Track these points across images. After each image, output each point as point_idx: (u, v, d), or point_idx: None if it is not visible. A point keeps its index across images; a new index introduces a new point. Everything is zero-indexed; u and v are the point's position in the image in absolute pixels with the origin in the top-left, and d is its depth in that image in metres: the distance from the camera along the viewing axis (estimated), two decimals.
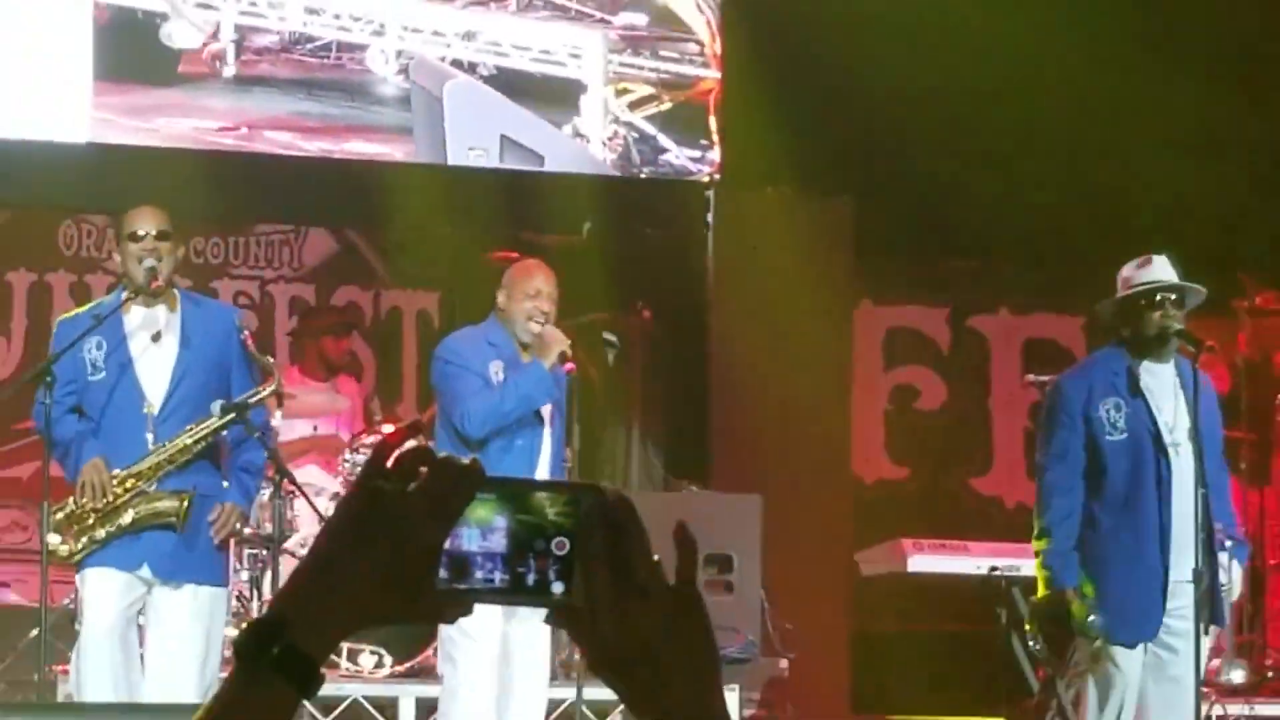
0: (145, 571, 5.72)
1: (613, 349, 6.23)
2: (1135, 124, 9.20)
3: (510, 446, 6.14)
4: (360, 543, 1.04)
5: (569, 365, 6.16)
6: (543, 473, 6.25)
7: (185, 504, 5.68)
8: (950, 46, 8.73)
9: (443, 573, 1.04)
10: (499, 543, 1.07)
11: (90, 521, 5.77)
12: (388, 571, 1.04)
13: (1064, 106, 9.35)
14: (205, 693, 5.85)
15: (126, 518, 5.81)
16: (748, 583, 7.36)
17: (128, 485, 5.70)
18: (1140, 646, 5.84)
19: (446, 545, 1.04)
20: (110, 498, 5.77)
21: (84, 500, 5.76)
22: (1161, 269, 5.96)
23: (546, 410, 6.18)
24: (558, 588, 1.06)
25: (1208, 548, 5.92)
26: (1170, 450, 5.93)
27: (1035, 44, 9.01)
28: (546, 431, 6.11)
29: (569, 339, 6.09)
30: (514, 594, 1.07)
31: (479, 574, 1.06)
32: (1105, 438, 5.96)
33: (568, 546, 1.06)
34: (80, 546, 5.78)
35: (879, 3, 8.82)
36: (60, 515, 5.83)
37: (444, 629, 6.03)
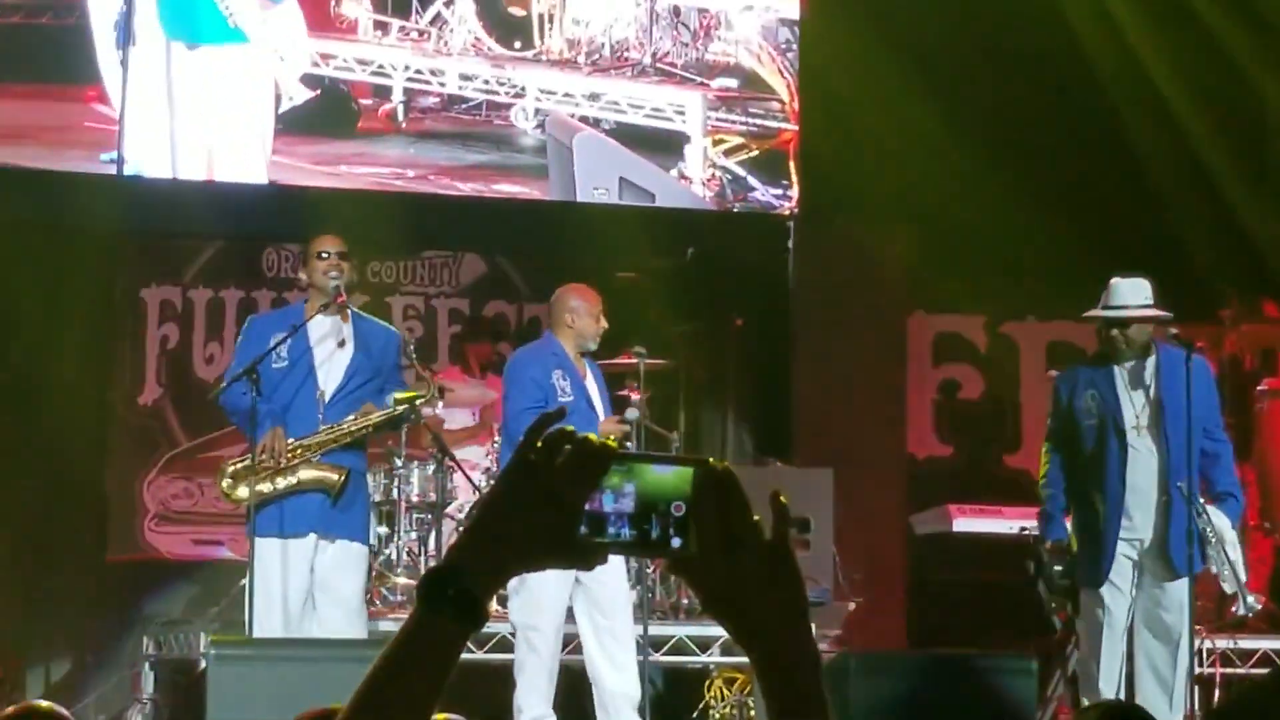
0: (310, 535, 6.61)
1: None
2: (1121, 161, 10.10)
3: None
4: (517, 505, 1.16)
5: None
6: None
7: (343, 478, 6.51)
8: (963, 120, 9.57)
9: (583, 528, 1.17)
10: (628, 505, 1.19)
11: (262, 475, 6.67)
12: (539, 527, 1.17)
13: (1068, 156, 10.12)
14: (364, 628, 6.48)
15: (294, 479, 6.67)
16: (823, 540, 7.91)
17: (297, 453, 6.56)
18: (1128, 593, 6.83)
19: (586, 506, 1.17)
20: (283, 460, 6.59)
21: (263, 457, 6.56)
22: (1119, 293, 6.96)
23: (599, 404, 6.86)
24: (676, 542, 1.17)
25: (1170, 510, 6.82)
26: (1130, 433, 6.85)
27: (1032, 106, 10.03)
28: (599, 423, 6.71)
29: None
30: (640, 547, 1.22)
31: (612, 530, 1.19)
32: (1083, 423, 6.92)
33: (684, 509, 1.18)
34: (250, 494, 6.72)
35: (912, 77, 9.50)
36: (239, 466, 6.77)
37: (514, 594, 6.58)
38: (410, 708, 1.23)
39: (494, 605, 9.97)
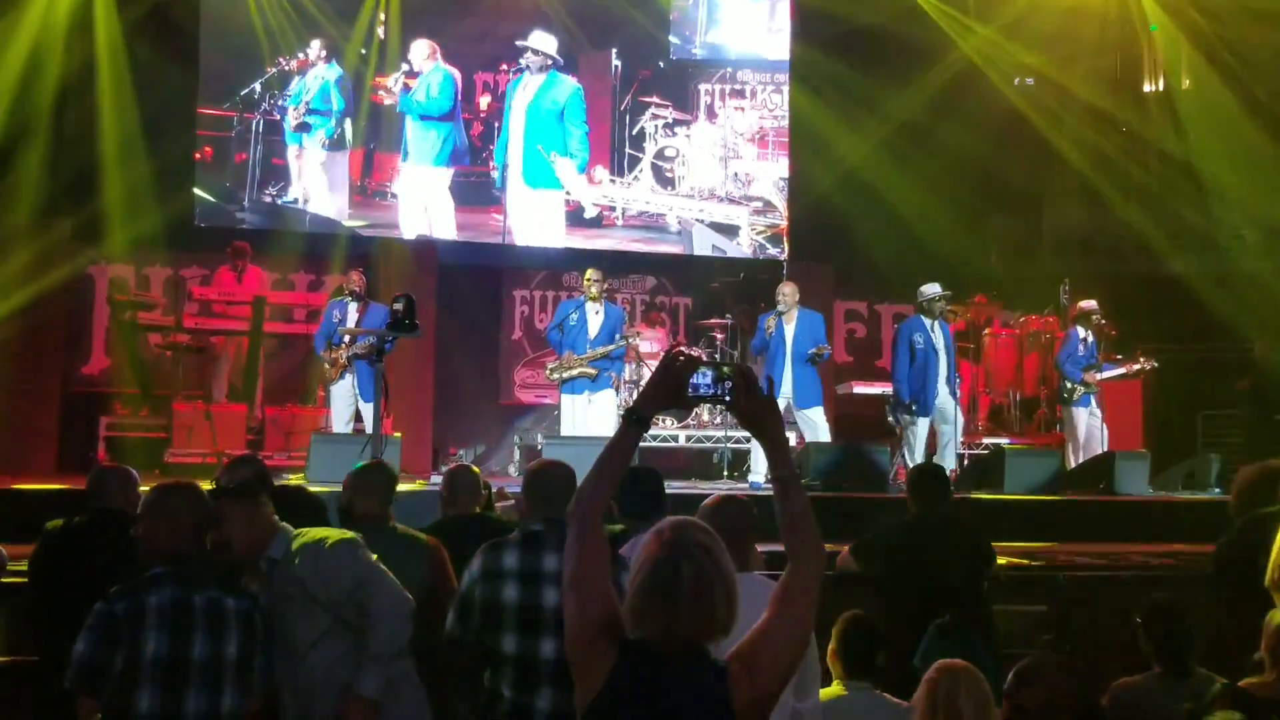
0: (585, 393, 10.04)
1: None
2: (914, 194, 13.24)
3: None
4: (662, 380, 2.78)
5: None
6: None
7: (597, 372, 10.00)
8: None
9: (689, 390, 2.61)
10: (707, 380, 2.71)
11: (566, 369, 10.10)
12: (670, 389, 2.78)
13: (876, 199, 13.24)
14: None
15: (575, 371, 10.10)
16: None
17: (579, 362, 10.05)
18: (930, 418, 10.19)
19: (691, 380, 2.64)
20: (573, 367, 10.09)
21: (563, 363, 10.04)
22: (926, 289, 10.31)
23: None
24: (728, 397, 2.69)
25: (953, 392, 10.24)
26: (934, 353, 10.17)
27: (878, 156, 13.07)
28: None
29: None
30: (711, 399, 2.75)
31: (701, 391, 2.73)
32: (916, 349, 10.22)
33: (729, 384, 2.64)
34: (560, 375, 10.13)
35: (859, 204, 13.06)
36: (554, 364, 10.20)
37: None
38: (617, 467, 2.78)
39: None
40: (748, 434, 8.33)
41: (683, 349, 8.93)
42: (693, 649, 2.74)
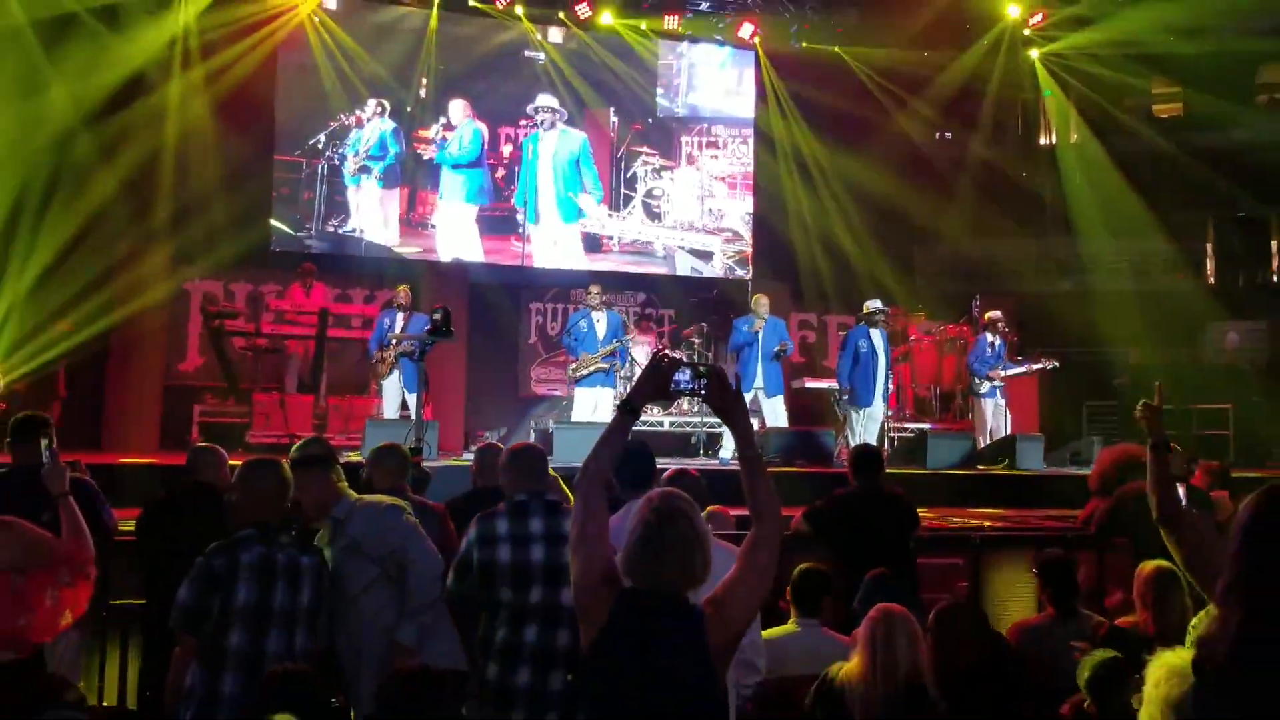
0: (598, 386, 10.16)
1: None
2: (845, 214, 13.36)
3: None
4: (650, 376, 2.79)
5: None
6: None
7: (609, 366, 10.11)
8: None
9: (672, 385, 2.70)
10: (686, 377, 2.77)
11: (585, 368, 10.27)
12: (656, 384, 2.79)
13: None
14: None
15: (589, 369, 10.22)
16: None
17: (594, 360, 10.12)
18: (866, 410, 10.20)
19: (674, 377, 2.71)
20: (590, 365, 10.16)
21: (581, 364, 10.27)
22: (870, 304, 10.44)
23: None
24: (704, 392, 2.75)
25: (886, 387, 10.31)
26: (876, 356, 10.24)
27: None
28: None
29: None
30: (688, 393, 2.77)
31: (681, 386, 2.77)
32: (860, 352, 10.28)
33: (705, 380, 2.74)
34: (578, 375, 10.30)
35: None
36: (574, 365, 10.22)
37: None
38: (615, 447, 2.81)
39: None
40: (719, 420, 8.32)
41: (668, 353, 8.58)
42: (675, 596, 2.74)
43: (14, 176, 9.80)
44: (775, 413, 10.37)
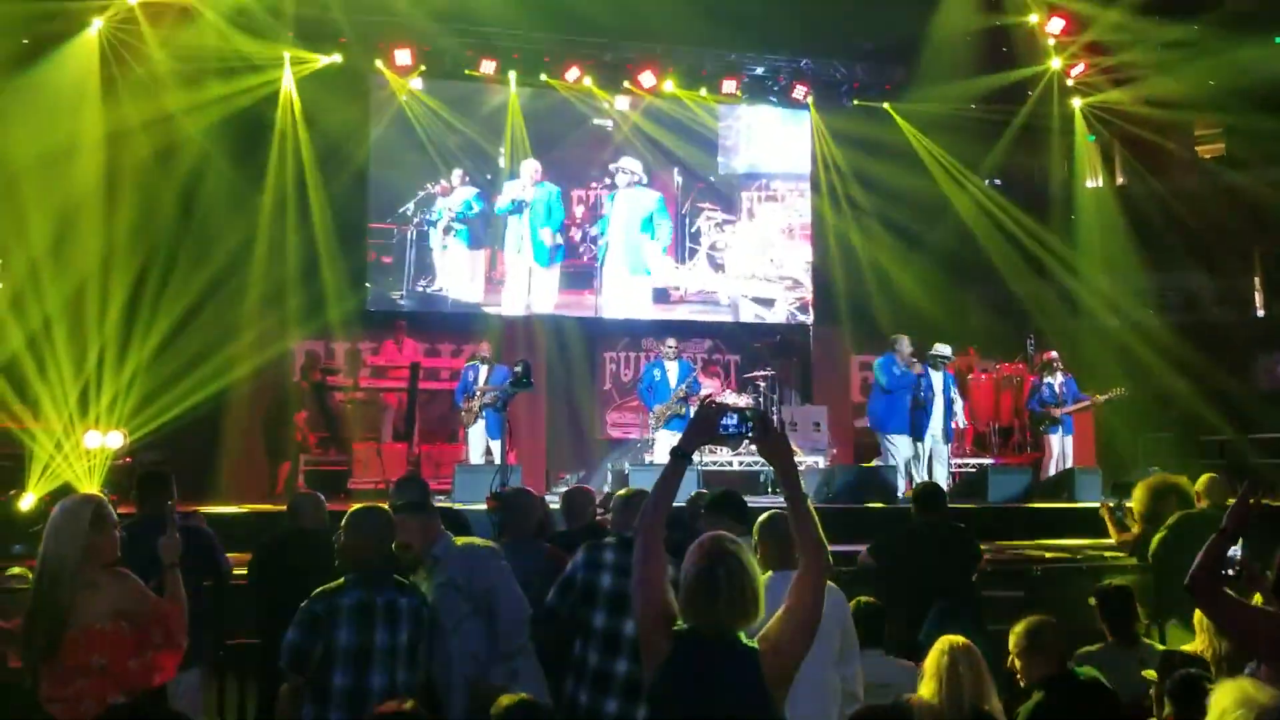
0: (669, 430, 10.26)
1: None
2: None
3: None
4: (699, 421, 2.80)
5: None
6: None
7: (684, 409, 10.19)
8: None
9: (720, 430, 2.66)
10: (733, 421, 2.71)
11: (665, 414, 10.45)
12: (705, 428, 2.80)
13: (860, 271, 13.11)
14: None
15: (669, 413, 10.36)
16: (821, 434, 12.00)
17: (671, 407, 10.35)
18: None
19: (720, 421, 2.62)
20: (668, 412, 10.41)
21: (660, 413, 10.34)
22: (939, 348, 9.90)
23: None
24: (750, 434, 2.67)
25: (947, 427, 10.01)
26: (934, 396, 9.88)
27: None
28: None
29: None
30: (736, 438, 2.73)
31: (729, 430, 2.73)
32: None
33: (750, 424, 2.66)
34: (659, 423, 10.44)
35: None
36: (656, 413, 10.47)
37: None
38: (669, 493, 2.72)
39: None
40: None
41: (714, 399, 9.14)
42: (729, 634, 2.72)
43: (139, 254, 10.23)
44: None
